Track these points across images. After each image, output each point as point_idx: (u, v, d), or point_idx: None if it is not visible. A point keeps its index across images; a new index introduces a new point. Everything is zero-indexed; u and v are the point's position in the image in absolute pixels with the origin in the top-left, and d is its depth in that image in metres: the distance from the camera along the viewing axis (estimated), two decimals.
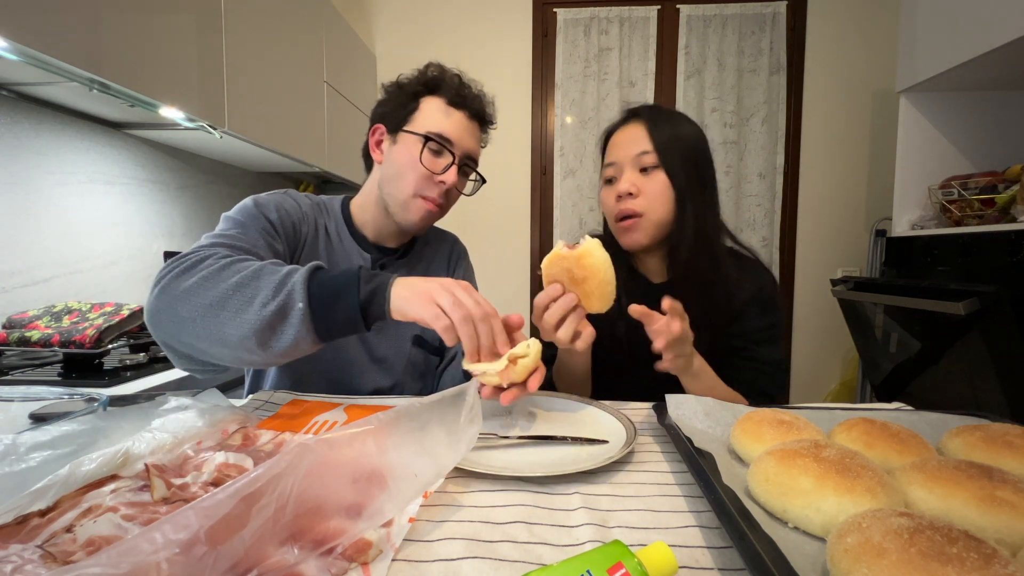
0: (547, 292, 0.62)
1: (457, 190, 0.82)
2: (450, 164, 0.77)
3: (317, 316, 0.54)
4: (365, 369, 0.82)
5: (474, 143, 0.82)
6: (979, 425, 0.46)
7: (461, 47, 2.42)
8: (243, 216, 0.71)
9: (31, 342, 0.96)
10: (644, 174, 0.78)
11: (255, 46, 1.43)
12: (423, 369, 0.88)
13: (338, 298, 0.55)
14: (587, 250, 0.59)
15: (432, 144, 0.76)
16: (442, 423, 0.42)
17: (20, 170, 1.12)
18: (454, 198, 0.83)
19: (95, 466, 0.40)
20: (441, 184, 0.77)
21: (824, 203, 2.32)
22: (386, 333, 0.83)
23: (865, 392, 2.16)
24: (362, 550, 0.33)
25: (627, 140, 0.81)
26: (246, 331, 0.53)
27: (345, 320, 0.55)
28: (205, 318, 0.54)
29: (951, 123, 1.78)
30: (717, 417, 0.55)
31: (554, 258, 0.61)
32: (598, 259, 0.59)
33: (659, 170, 0.78)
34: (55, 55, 0.86)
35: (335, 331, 0.56)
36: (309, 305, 0.54)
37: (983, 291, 1.34)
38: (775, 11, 2.25)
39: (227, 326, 0.54)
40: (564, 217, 2.43)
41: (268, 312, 0.53)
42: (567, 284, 0.61)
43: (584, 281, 0.60)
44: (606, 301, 0.61)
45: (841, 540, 0.30)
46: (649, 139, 0.78)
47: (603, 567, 0.28)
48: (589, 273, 0.59)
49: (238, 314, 0.53)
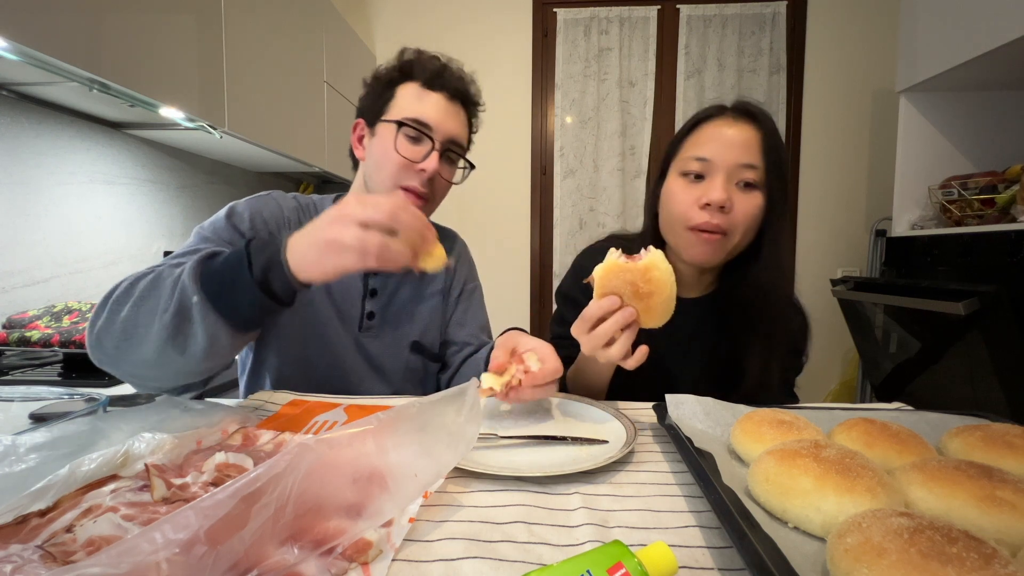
0: (602, 304, 0.57)
1: (444, 179, 0.76)
2: (430, 150, 0.72)
3: (219, 305, 0.50)
4: (364, 377, 0.80)
5: (457, 126, 0.76)
6: (979, 425, 0.46)
7: (461, 47, 2.42)
8: (211, 231, 0.69)
9: (31, 342, 0.96)
10: (740, 188, 0.68)
11: (255, 46, 1.43)
12: (422, 375, 0.86)
13: (233, 282, 0.50)
14: (653, 263, 0.55)
15: (407, 130, 0.71)
16: (442, 423, 0.42)
17: (20, 170, 1.12)
18: (442, 188, 0.77)
19: (95, 466, 0.40)
20: (422, 172, 0.72)
21: (824, 203, 2.32)
22: (383, 340, 0.82)
23: (865, 392, 2.16)
24: (362, 550, 0.33)
25: (734, 141, 0.68)
26: (159, 344, 0.51)
27: (250, 303, 0.50)
28: (127, 344, 0.52)
29: (951, 123, 1.78)
30: (717, 417, 0.55)
31: (614, 269, 0.56)
32: (665, 272, 0.55)
33: (758, 192, 0.68)
34: (55, 55, 0.86)
35: (248, 317, 0.52)
36: (206, 297, 0.50)
37: (983, 291, 1.34)
38: (775, 11, 2.25)
39: (144, 346, 0.51)
40: (564, 217, 2.43)
41: (168, 318, 0.50)
42: (628, 298, 0.57)
43: (649, 296, 0.55)
44: (665, 317, 0.58)
45: (841, 540, 0.30)
46: (761, 152, 0.68)
47: (603, 567, 0.28)
48: (656, 288, 0.55)
49: (148, 330, 0.51)
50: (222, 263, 0.52)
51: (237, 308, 0.51)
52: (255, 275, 0.50)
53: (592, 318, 0.57)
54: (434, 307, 0.87)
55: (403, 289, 0.84)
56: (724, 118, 0.71)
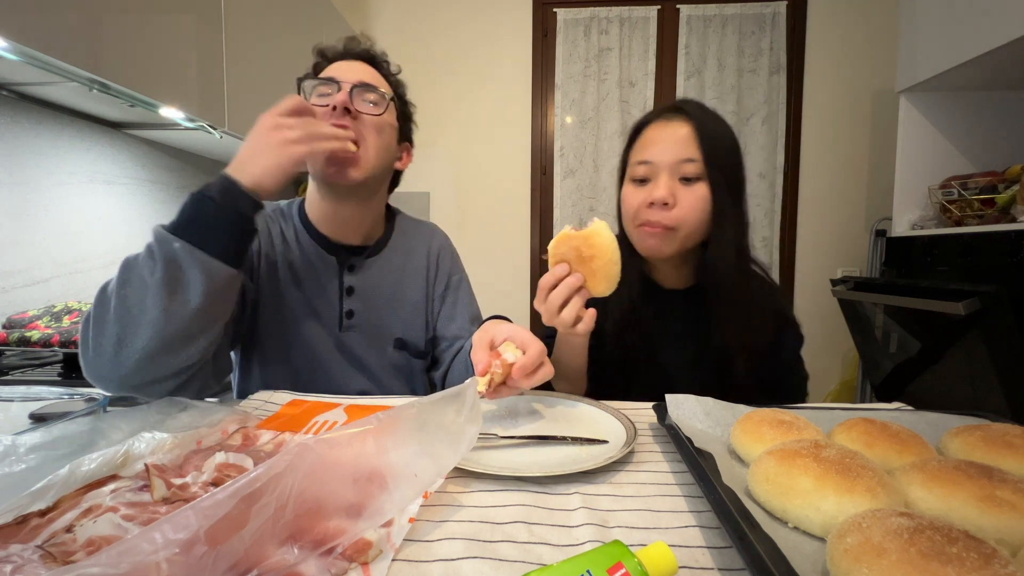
0: (553, 272, 0.62)
1: (366, 112, 0.73)
2: (336, 90, 0.71)
3: (201, 242, 0.54)
4: (350, 377, 0.80)
5: (365, 74, 0.76)
6: (979, 425, 0.46)
7: (461, 47, 2.43)
8: None
9: (31, 342, 0.96)
10: (684, 183, 0.72)
11: (255, 46, 1.43)
12: (408, 372, 0.86)
13: (203, 216, 0.56)
14: (594, 230, 0.60)
15: (313, 83, 0.73)
16: (442, 423, 0.42)
17: (20, 170, 1.12)
18: (369, 129, 0.73)
19: (95, 466, 0.40)
20: (335, 110, 0.69)
21: (824, 203, 2.32)
22: (365, 339, 0.81)
23: (865, 392, 2.16)
24: (362, 550, 0.33)
25: (670, 140, 0.72)
26: (158, 310, 0.53)
27: (226, 227, 0.56)
28: (127, 333, 0.53)
29: (951, 123, 1.78)
30: (717, 417, 0.55)
31: (562, 238, 0.62)
32: (605, 239, 0.60)
33: (702, 182, 0.71)
34: (55, 55, 0.86)
35: (229, 244, 0.57)
36: (187, 240, 0.54)
37: (983, 291, 1.34)
38: (775, 11, 2.25)
39: (144, 326, 0.53)
40: (564, 217, 2.43)
41: (159, 275, 0.53)
42: (574, 263, 0.62)
43: (591, 260, 0.60)
44: (611, 283, 0.62)
45: (841, 540, 0.30)
46: (697, 146, 0.71)
47: (603, 567, 0.28)
48: (597, 252, 0.60)
49: (142, 303, 0.53)
50: (184, 211, 0.56)
51: (218, 238, 0.56)
52: (218, 202, 0.56)
53: (546, 286, 0.63)
54: (416, 303, 0.86)
55: (383, 286, 0.83)
56: (660, 120, 0.75)
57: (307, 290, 0.79)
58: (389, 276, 0.84)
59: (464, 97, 2.45)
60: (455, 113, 2.45)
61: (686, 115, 0.73)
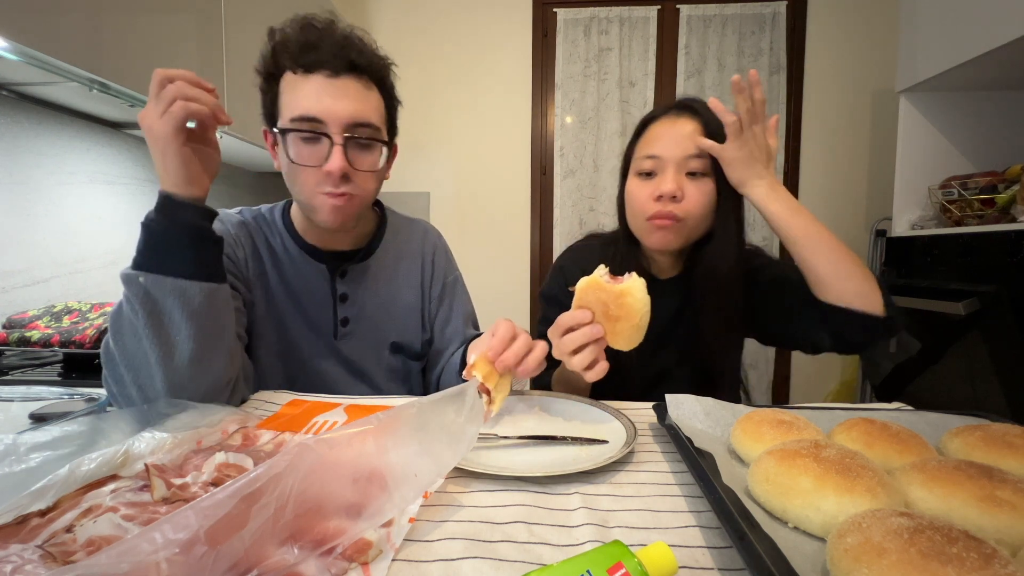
0: (574, 315, 0.58)
1: (363, 170, 0.68)
2: (329, 148, 0.64)
3: (163, 268, 0.54)
4: (347, 384, 0.80)
5: (355, 105, 0.65)
6: (979, 425, 0.46)
7: (461, 47, 2.43)
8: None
9: (31, 342, 0.96)
10: (690, 178, 0.74)
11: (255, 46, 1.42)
12: (404, 375, 0.85)
13: (155, 244, 0.55)
14: (628, 289, 0.56)
15: (298, 135, 0.64)
16: (442, 423, 0.42)
17: (20, 170, 1.12)
18: (367, 178, 0.69)
19: (95, 466, 0.40)
20: (331, 175, 0.65)
21: (824, 203, 2.32)
22: (361, 345, 0.80)
23: (865, 392, 2.16)
24: (362, 550, 0.33)
25: (678, 136, 0.74)
26: (157, 344, 0.54)
27: (179, 243, 0.55)
28: (142, 378, 0.55)
29: (951, 123, 1.78)
30: (717, 417, 0.55)
31: (592, 285, 0.57)
32: (639, 301, 0.56)
33: (708, 178, 0.73)
34: (55, 55, 0.86)
35: (194, 254, 0.55)
36: (145, 269, 0.54)
37: (983, 291, 1.34)
38: (775, 11, 2.25)
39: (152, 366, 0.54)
40: (564, 217, 2.43)
41: (143, 318, 0.53)
42: (599, 316, 0.58)
43: (618, 320, 0.57)
44: (632, 343, 0.59)
45: (841, 540, 0.30)
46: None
47: (603, 567, 0.28)
48: (625, 314, 0.56)
49: (139, 348, 0.54)
50: (139, 244, 0.55)
51: (179, 257, 0.55)
52: (163, 221, 0.54)
53: (563, 326, 0.59)
54: (411, 305, 0.85)
55: (377, 290, 0.82)
56: (668, 116, 0.77)
57: (299, 300, 0.77)
58: (383, 279, 0.83)
59: (464, 97, 2.45)
60: (455, 113, 2.45)
61: (694, 112, 0.75)
